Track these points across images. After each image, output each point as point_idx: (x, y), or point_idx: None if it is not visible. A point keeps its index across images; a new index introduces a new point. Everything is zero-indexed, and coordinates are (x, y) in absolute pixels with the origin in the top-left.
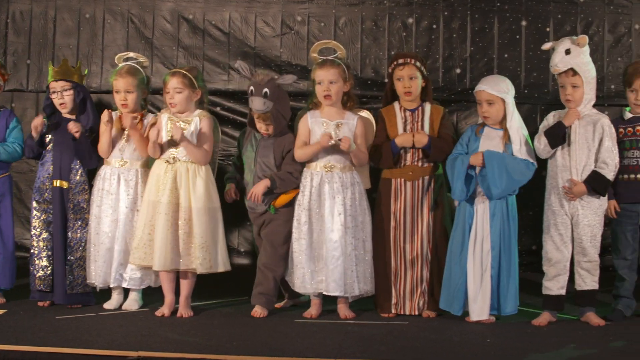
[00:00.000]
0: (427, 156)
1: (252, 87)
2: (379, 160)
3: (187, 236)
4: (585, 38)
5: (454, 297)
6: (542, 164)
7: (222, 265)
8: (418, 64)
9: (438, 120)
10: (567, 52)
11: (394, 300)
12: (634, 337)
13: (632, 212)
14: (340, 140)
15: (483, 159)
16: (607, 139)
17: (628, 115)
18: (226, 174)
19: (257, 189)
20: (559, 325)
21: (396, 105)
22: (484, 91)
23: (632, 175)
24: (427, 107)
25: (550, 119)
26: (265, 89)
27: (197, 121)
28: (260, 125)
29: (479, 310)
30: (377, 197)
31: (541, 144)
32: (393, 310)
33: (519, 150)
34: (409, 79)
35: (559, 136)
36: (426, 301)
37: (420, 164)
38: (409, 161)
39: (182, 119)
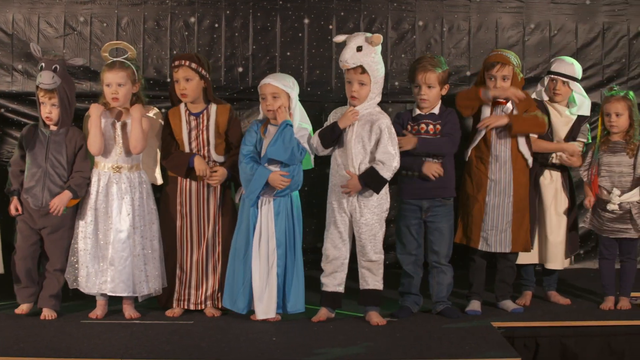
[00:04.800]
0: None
1: (42, 64)
2: (173, 167)
3: None
4: (379, 37)
5: (238, 296)
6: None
7: None
8: (193, 65)
9: (225, 121)
10: (359, 49)
11: (176, 296)
12: (420, 333)
13: (415, 207)
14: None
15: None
16: (386, 139)
17: (415, 111)
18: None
19: (60, 202)
20: (346, 322)
21: (182, 107)
22: (270, 84)
23: (416, 173)
24: (213, 107)
25: (331, 117)
26: (56, 65)
27: None
28: (44, 109)
29: (266, 308)
30: (163, 195)
31: (314, 142)
32: (175, 305)
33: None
34: (184, 81)
35: (331, 137)
36: (217, 297)
37: (208, 164)
38: (197, 162)
39: None
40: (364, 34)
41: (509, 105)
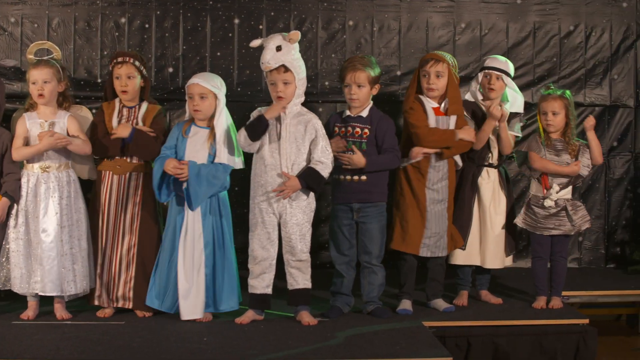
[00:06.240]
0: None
1: None
2: (102, 151)
3: None
4: (297, 34)
5: (166, 295)
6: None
7: None
8: (137, 63)
9: (151, 117)
10: (279, 48)
11: (97, 293)
12: (351, 333)
13: (347, 208)
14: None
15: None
16: (321, 139)
17: (345, 113)
18: None
19: (1, 212)
20: (277, 322)
21: (117, 101)
22: (198, 84)
23: (342, 176)
24: (144, 106)
25: (255, 113)
26: None
27: None
28: None
29: (192, 308)
30: (92, 192)
31: (241, 137)
32: (96, 302)
33: (221, 151)
34: (127, 78)
35: (259, 129)
36: (130, 298)
37: (129, 159)
38: (120, 156)
39: None
40: (281, 34)
41: (442, 108)
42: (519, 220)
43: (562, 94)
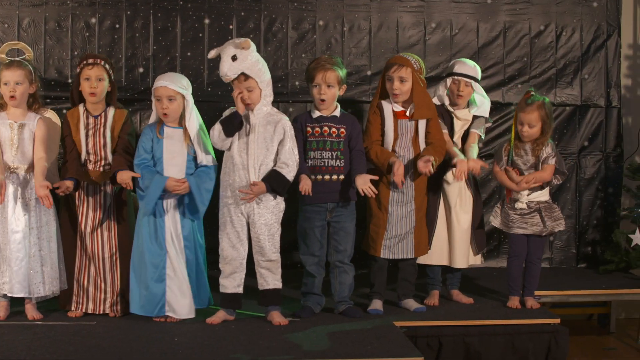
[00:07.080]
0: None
1: None
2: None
3: None
4: (248, 41)
5: (156, 301)
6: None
7: None
8: (107, 66)
9: (120, 124)
10: (234, 58)
11: (74, 299)
12: (322, 333)
13: (321, 209)
14: None
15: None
16: (288, 140)
17: (316, 113)
18: None
19: None
20: (247, 322)
21: (81, 108)
22: (166, 87)
23: (319, 176)
24: (111, 111)
25: (227, 112)
26: None
27: None
28: None
29: (190, 307)
30: (62, 196)
31: (215, 133)
32: (73, 307)
33: (200, 152)
34: (97, 80)
35: (233, 123)
36: (116, 302)
37: (102, 169)
38: (92, 167)
39: None
40: (233, 41)
41: (409, 112)
42: (496, 222)
43: (542, 102)
